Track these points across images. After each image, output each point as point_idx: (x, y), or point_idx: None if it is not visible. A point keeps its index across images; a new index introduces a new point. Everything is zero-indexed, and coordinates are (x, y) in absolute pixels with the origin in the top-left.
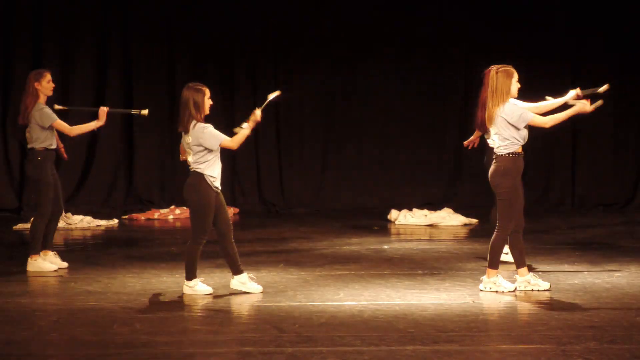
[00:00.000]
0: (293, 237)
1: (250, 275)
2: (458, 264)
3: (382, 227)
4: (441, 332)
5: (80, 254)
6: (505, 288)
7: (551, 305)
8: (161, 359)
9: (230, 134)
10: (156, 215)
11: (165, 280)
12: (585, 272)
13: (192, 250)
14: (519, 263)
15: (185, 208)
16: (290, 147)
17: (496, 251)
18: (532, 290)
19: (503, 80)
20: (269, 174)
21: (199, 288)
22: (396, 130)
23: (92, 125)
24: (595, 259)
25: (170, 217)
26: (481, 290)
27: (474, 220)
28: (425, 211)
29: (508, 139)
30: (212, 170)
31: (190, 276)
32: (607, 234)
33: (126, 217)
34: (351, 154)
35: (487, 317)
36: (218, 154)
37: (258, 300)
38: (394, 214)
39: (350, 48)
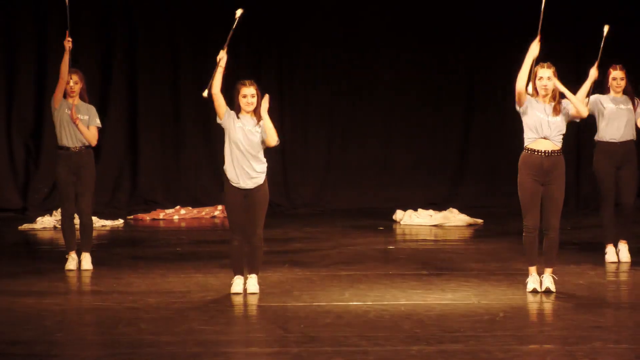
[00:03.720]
0: (298, 237)
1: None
2: (463, 264)
3: (388, 228)
4: (446, 333)
5: None
6: None
7: (557, 305)
8: (166, 359)
9: None
10: (161, 216)
11: (171, 281)
12: (591, 273)
13: (262, 244)
14: (527, 261)
15: (190, 208)
16: (294, 148)
17: (525, 248)
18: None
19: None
20: (274, 175)
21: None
22: (400, 130)
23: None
24: (600, 259)
25: (176, 217)
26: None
27: (479, 220)
28: (431, 211)
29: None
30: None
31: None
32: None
33: (131, 217)
34: (356, 154)
35: (493, 317)
36: (227, 144)
37: (263, 300)
38: (399, 214)
39: (353, 48)
